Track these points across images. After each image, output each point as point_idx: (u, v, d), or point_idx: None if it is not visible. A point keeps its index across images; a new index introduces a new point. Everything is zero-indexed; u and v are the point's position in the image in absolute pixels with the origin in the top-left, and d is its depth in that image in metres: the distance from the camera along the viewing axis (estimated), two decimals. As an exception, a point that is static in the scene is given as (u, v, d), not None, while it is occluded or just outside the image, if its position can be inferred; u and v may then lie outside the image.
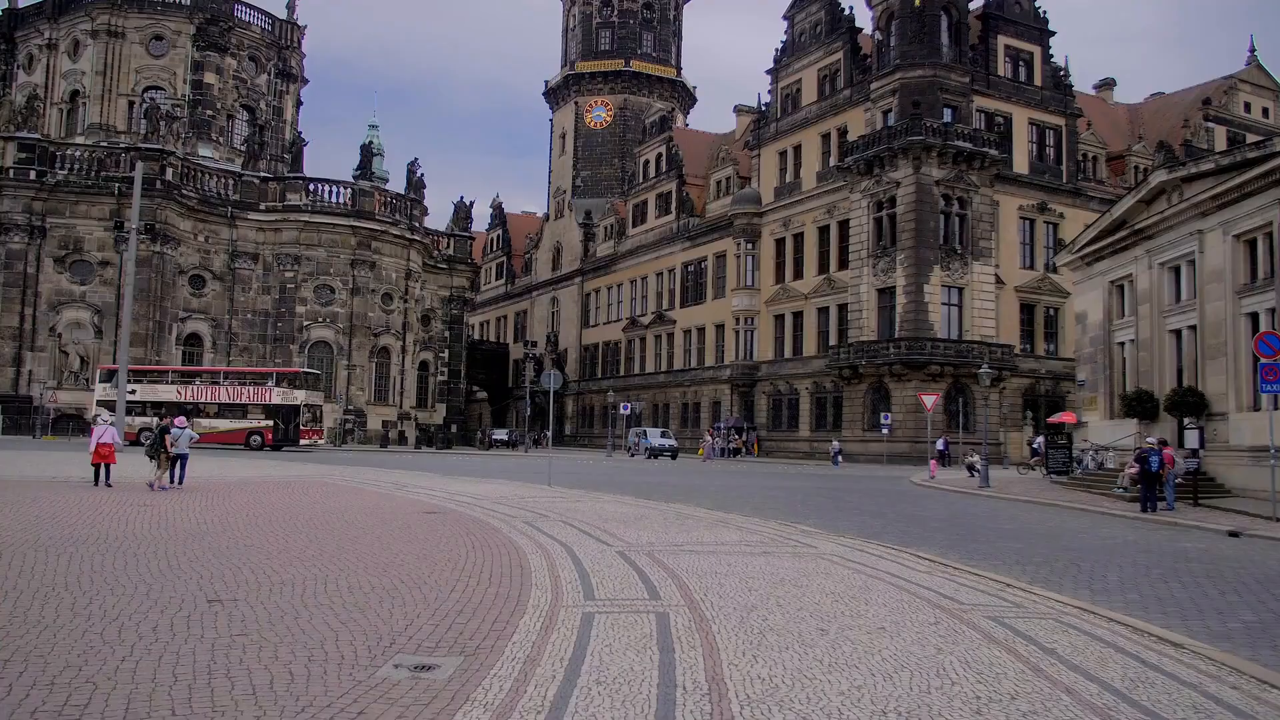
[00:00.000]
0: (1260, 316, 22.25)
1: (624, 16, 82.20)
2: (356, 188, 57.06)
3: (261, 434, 43.78)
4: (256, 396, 44.74)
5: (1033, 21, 52.16)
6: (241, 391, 45.19)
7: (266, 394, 44.61)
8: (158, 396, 44.33)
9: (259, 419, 44.37)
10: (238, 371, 48.68)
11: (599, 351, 74.81)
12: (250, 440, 43.66)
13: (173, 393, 44.58)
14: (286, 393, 44.61)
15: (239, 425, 44.29)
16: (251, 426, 44.18)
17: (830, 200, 52.32)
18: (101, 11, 59.58)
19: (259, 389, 45.06)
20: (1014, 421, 47.84)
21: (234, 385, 45.78)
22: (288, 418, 44.16)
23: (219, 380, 46.47)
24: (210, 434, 43.21)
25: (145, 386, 44.80)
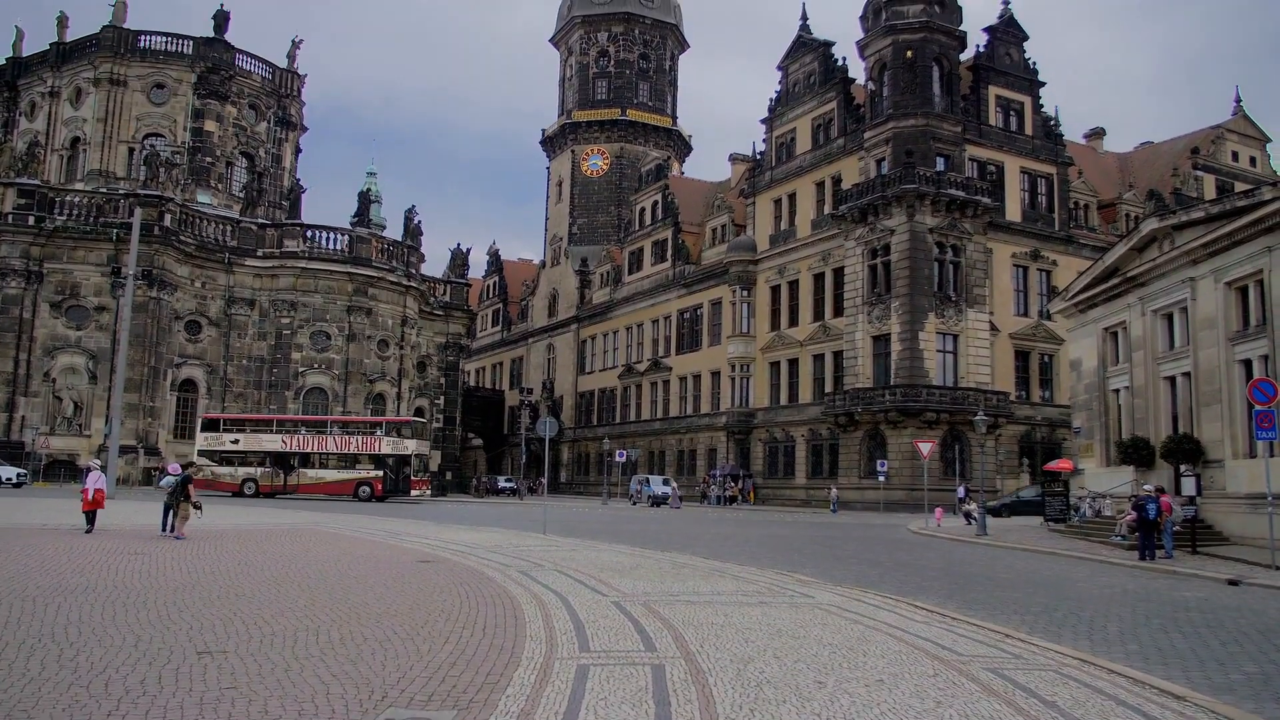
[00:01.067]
0: (1253, 363, 22.31)
1: (620, 67, 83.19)
2: (354, 234, 57.32)
3: (371, 485, 42.60)
4: (365, 446, 43.79)
5: (1023, 72, 52.86)
6: (349, 441, 44.33)
7: (376, 444, 43.65)
8: (262, 446, 43.73)
9: (368, 469, 43.28)
10: (345, 420, 47.88)
11: (595, 398, 74.73)
12: (359, 491, 42.43)
13: (277, 442, 43.78)
14: (397, 442, 43.58)
15: (347, 476, 43.25)
16: (360, 477, 43.05)
17: (825, 248, 52.61)
18: (104, 60, 60.22)
19: (368, 438, 44.18)
20: (1010, 469, 47.74)
21: (342, 435, 44.94)
22: (397, 468, 43.15)
23: (326, 429, 45.53)
24: (317, 485, 42.77)
25: (249, 436, 44.32)
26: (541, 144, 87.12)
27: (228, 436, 44.38)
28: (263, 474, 43.29)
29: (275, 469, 43.42)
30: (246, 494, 42.22)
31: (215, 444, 44.04)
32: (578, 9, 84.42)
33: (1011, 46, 52.72)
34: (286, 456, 43.47)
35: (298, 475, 43.23)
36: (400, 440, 43.88)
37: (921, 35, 48.36)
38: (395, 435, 44.25)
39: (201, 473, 43.66)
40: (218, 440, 44.16)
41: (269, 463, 43.50)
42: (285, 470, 43.38)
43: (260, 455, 43.54)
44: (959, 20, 49.73)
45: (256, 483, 42.96)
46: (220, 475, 43.09)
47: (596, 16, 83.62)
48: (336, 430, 45.64)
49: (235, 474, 43.17)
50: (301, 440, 44.19)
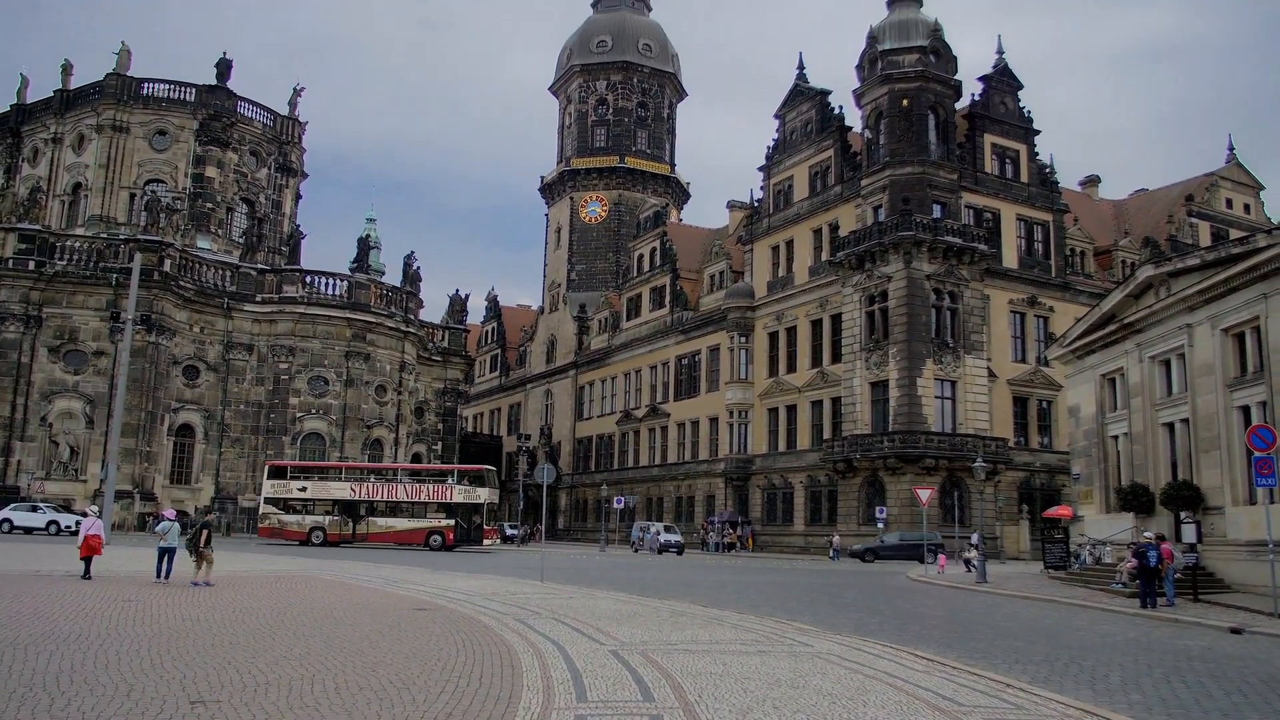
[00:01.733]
0: (1252, 410, 22.31)
1: (619, 115, 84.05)
2: (353, 280, 57.49)
3: (442, 534, 41.89)
4: (436, 495, 43.15)
5: (1018, 121, 53.42)
6: (420, 489, 43.69)
7: (447, 492, 42.99)
8: (330, 494, 43.15)
9: (439, 518, 42.59)
10: (416, 468, 47.23)
11: (593, 445, 74.54)
12: (430, 540, 41.79)
13: (346, 490, 43.14)
14: (469, 491, 42.98)
15: (418, 525, 42.53)
16: (432, 526, 42.36)
17: (822, 294, 52.80)
18: (108, 107, 60.79)
19: (439, 486, 43.59)
20: (1010, 515, 47.55)
21: (412, 483, 44.36)
22: (469, 516, 42.61)
23: (396, 477, 44.93)
24: (386, 533, 42.08)
25: (316, 484, 43.84)
26: (540, 191, 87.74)
27: (295, 484, 43.85)
28: (331, 522, 42.65)
29: (344, 517, 42.75)
30: (314, 542, 41.63)
31: (282, 491, 43.46)
32: (577, 58, 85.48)
33: (1006, 95, 53.32)
34: (355, 505, 42.72)
35: (367, 524, 42.53)
36: (472, 489, 43.22)
37: (917, 84, 48.94)
38: (468, 483, 43.66)
39: (268, 520, 43.37)
40: (284, 488, 43.59)
41: (337, 511, 42.83)
42: (354, 519, 42.72)
43: (328, 503, 42.87)
44: (954, 70, 50.36)
45: (324, 531, 42.38)
46: (287, 523, 42.63)
47: (595, 65, 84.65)
48: (406, 478, 44.88)
49: (302, 522, 42.57)
50: (370, 488, 43.47)
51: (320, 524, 42.58)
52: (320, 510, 42.85)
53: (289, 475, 44.95)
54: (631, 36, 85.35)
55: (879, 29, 51.05)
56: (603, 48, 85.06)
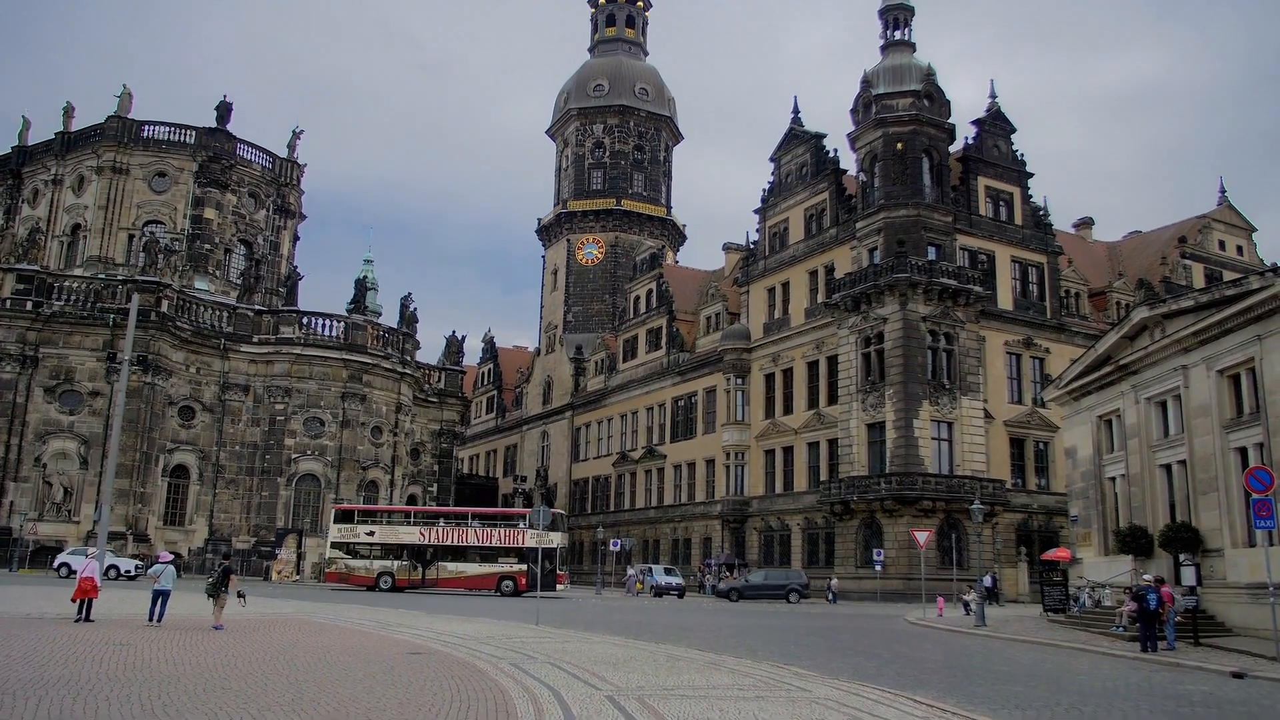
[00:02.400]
0: (1249, 451, 22.29)
1: (615, 158, 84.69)
2: (349, 321, 57.54)
3: (514, 579, 41.39)
4: (508, 539, 42.60)
5: (1011, 164, 53.85)
6: (490, 534, 43.12)
7: (519, 536, 42.31)
8: (399, 539, 42.76)
9: (511, 563, 42.07)
10: (486, 513, 46.74)
11: (589, 486, 74.26)
12: (501, 585, 41.33)
13: (415, 534, 42.81)
14: (540, 535, 41.79)
15: (489, 570, 42.06)
16: (503, 571, 41.88)
17: (818, 336, 52.89)
18: (108, 149, 61.17)
19: (510, 531, 42.97)
20: (1008, 557, 47.30)
21: (482, 527, 43.80)
22: (542, 561, 41.41)
23: (466, 522, 44.39)
24: (457, 579, 41.62)
25: (385, 528, 43.40)
26: (537, 233, 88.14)
27: (362, 528, 43.35)
28: (399, 567, 42.21)
29: (412, 562, 42.33)
30: (382, 588, 41.23)
31: (349, 536, 42.98)
32: (574, 101, 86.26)
33: (999, 139, 53.80)
34: (424, 549, 42.28)
35: (436, 569, 42.11)
36: (545, 533, 42.08)
37: (911, 128, 49.38)
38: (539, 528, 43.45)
39: (334, 565, 42.92)
40: (351, 532, 43.12)
41: (406, 556, 42.40)
42: (423, 564, 42.30)
43: (397, 548, 42.39)
44: (948, 113, 50.84)
45: (393, 576, 41.94)
46: (354, 569, 42.15)
47: (592, 109, 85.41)
48: (476, 523, 44.36)
49: (370, 567, 42.09)
50: (440, 533, 43.04)
51: (388, 569, 42.11)
52: (390, 555, 42.30)
53: (355, 519, 44.41)
54: (628, 80, 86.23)
55: (873, 73, 51.60)
56: (600, 91, 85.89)
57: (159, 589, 18.73)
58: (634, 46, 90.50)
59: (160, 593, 18.69)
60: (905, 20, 52.97)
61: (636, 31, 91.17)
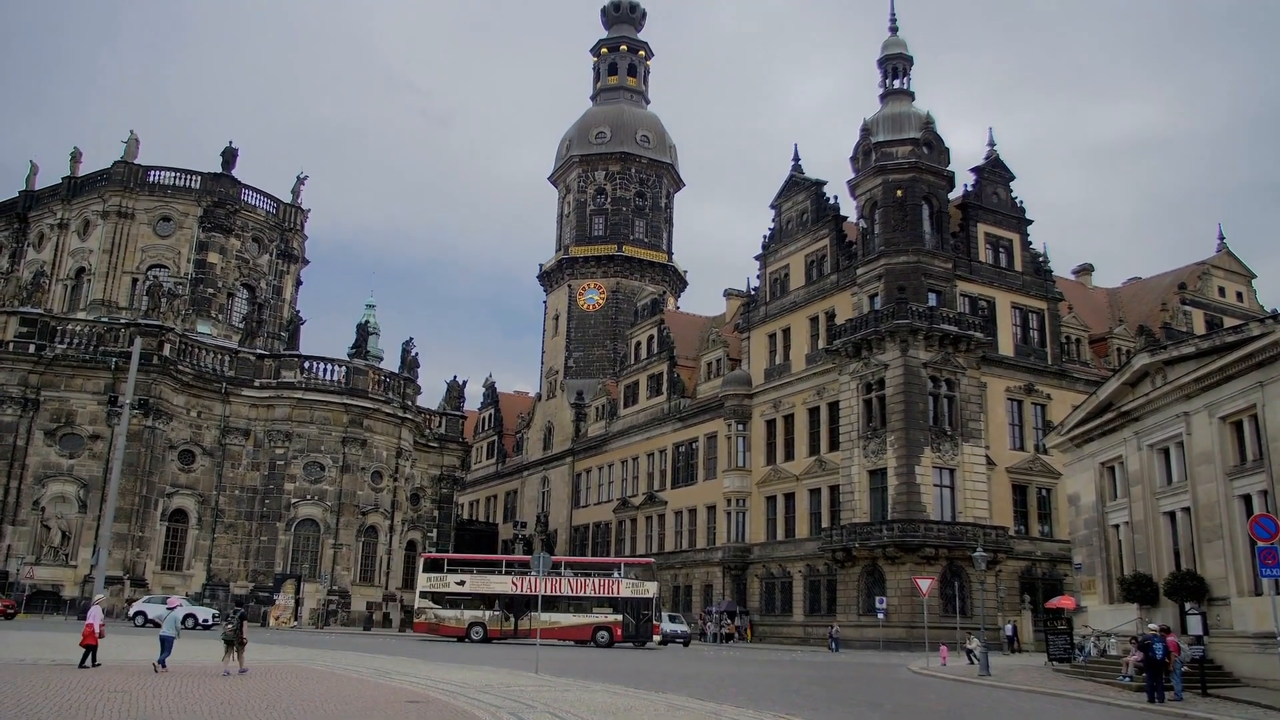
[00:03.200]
0: (1253, 498, 22.18)
1: (617, 204, 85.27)
2: (350, 366, 57.56)
3: (609, 630, 40.84)
4: (603, 589, 42.03)
5: (1010, 211, 54.19)
6: (584, 583, 42.50)
7: (615, 586, 41.89)
8: (490, 588, 42.21)
9: (606, 613, 41.49)
10: (580, 562, 46.00)
11: (589, 532, 73.83)
12: (597, 636, 40.82)
13: (506, 584, 42.18)
14: (636, 585, 41.88)
15: (584, 620, 41.44)
16: (598, 622, 41.26)
17: (819, 382, 52.88)
18: (114, 193, 61.59)
19: (605, 581, 42.41)
20: (1012, 605, 46.87)
21: (576, 577, 43.15)
22: (639, 612, 41.37)
23: (560, 571, 43.58)
24: (550, 629, 40.63)
25: (476, 577, 42.85)
26: (539, 278, 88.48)
27: (453, 578, 42.75)
28: (491, 618, 41.66)
29: (505, 612, 41.76)
30: (473, 639, 40.77)
31: (439, 585, 42.37)
32: (576, 148, 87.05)
33: (999, 186, 54.19)
34: (516, 599, 41.68)
35: (529, 619, 41.13)
36: (640, 583, 42.17)
37: (911, 175, 49.76)
38: (635, 578, 42.59)
39: (424, 616, 42.20)
40: (440, 581, 42.53)
41: (497, 606, 41.86)
42: (515, 614, 41.73)
43: (489, 598, 41.88)
44: (947, 161, 51.27)
45: (484, 627, 41.45)
46: (445, 619, 41.61)
47: (594, 156, 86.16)
48: (570, 572, 43.74)
49: (461, 617, 41.52)
50: (532, 582, 41.63)
51: (480, 619, 41.57)
52: (481, 605, 41.78)
53: (445, 568, 43.82)
54: (630, 128, 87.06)
55: (872, 122, 52.12)
56: (601, 139, 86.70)
57: (164, 635, 18.82)
58: (636, 95, 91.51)
59: (165, 639, 18.78)
60: (904, 70, 53.62)
61: (638, 80, 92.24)
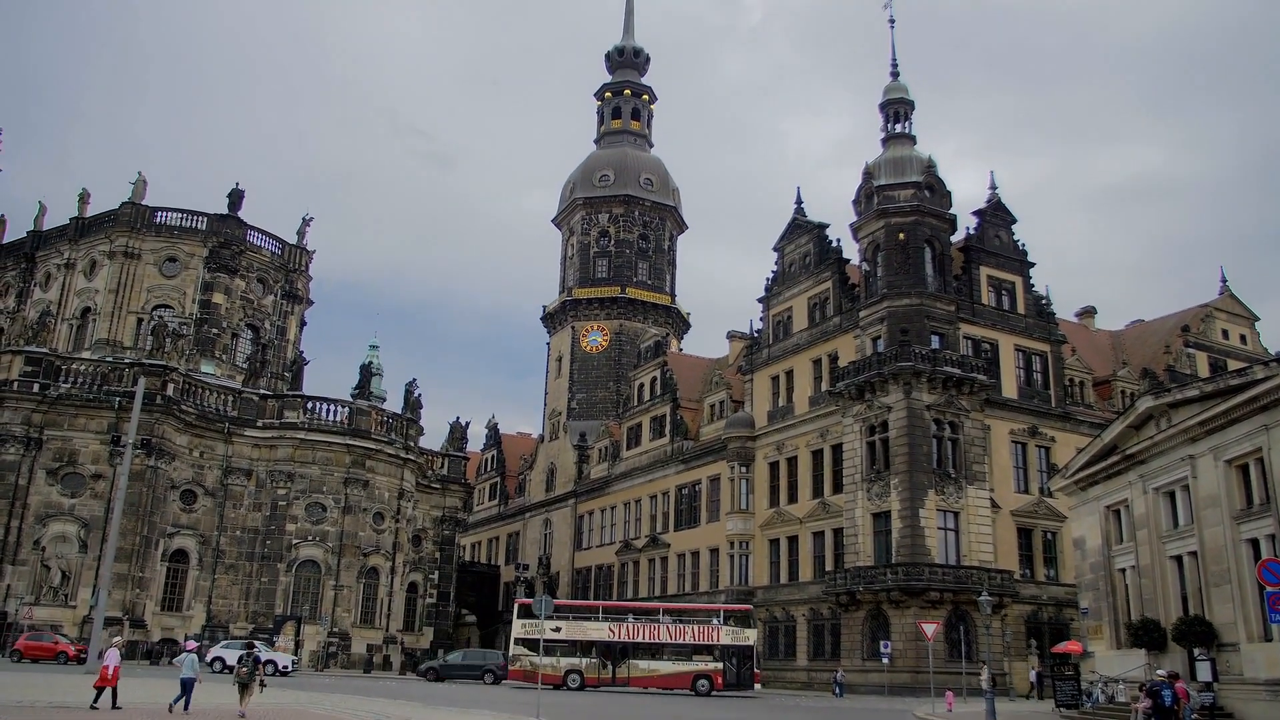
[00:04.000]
0: (1261, 543, 22.05)
1: (620, 246, 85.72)
2: (354, 406, 57.56)
3: (710, 678, 40.31)
4: (702, 636, 41.56)
5: (1013, 253, 54.38)
6: (683, 630, 41.96)
7: (714, 633, 41.46)
8: (586, 635, 41.85)
9: (706, 661, 40.97)
10: (679, 609, 45.61)
11: (591, 575, 73.36)
12: (697, 685, 40.31)
13: (603, 630, 41.83)
14: (736, 632, 41.48)
15: (683, 668, 40.89)
16: (698, 670, 40.74)
17: (823, 424, 52.80)
18: (121, 234, 61.94)
19: (704, 628, 41.93)
20: (1018, 650, 46.43)
21: (675, 624, 42.57)
22: (739, 659, 40.97)
23: (657, 618, 43.30)
24: (649, 677, 40.50)
25: (571, 624, 42.46)
26: (542, 320, 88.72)
27: (549, 624, 41.74)
28: (588, 665, 41.27)
29: (602, 660, 41.41)
30: (570, 686, 40.39)
31: (533, 632, 41.51)
32: (580, 191, 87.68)
33: (1001, 229, 54.43)
34: (613, 646, 41.38)
35: (628, 667, 41.02)
36: (739, 629, 41.75)
37: (913, 218, 50.03)
38: (734, 624, 42.12)
39: (519, 663, 41.69)
40: (536, 628, 41.55)
41: (594, 653, 41.50)
42: (613, 661, 41.36)
43: (585, 645, 41.49)
44: (949, 204, 51.56)
45: (581, 674, 41.07)
46: (540, 666, 40.19)
47: (598, 198, 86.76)
48: (668, 618, 43.21)
49: (557, 664, 41.03)
50: (630, 629, 41.93)
51: (577, 667, 41.16)
52: (578, 652, 41.34)
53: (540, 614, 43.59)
54: (633, 171, 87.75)
55: (874, 165, 52.52)
56: (605, 181, 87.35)
57: (183, 678, 18.85)
58: (639, 138, 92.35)
59: (185, 681, 18.83)
60: (905, 114, 54.12)
61: (642, 124, 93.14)
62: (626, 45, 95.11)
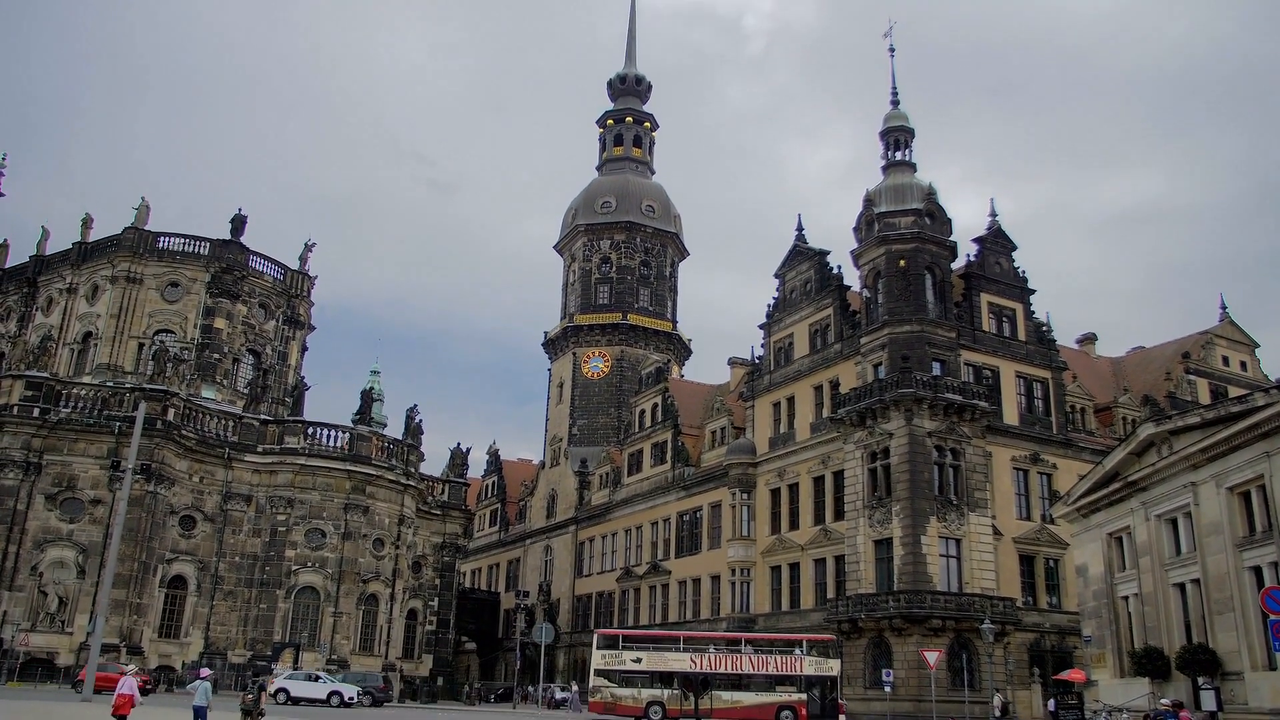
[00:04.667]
0: (1264, 570, 21.94)
1: (622, 273, 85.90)
2: (354, 432, 57.45)
3: (794, 709, 39.47)
4: (785, 667, 40.69)
5: (1013, 281, 54.44)
6: (767, 661, 41.14)
7: (797, 664, 40.56)
8: (668, 666, 40.93)
9: (789, 692, 40.05)
10: (760, 638, 45.10)
11: (592, 602, 72.99)
12: (781, 716, 39.49)
13: (685, 661, 40.93)
14: (819, 662, 40.62)
15: (767, 700, 39.95)
16: (782, 701, 39.78)
17: (824, 451, 52.67)
18: (123, 259, 62.10)
19: (787, 658, 41.04)
20: (1021, 679, 46.07)
21: (757, 654, 41.76)
22: (823, 691, 40.15)
23: (740, 648, 42.55)
24: (732, 709, 39.73)
25: (652, 655, 41.48)
26: (544, 346, 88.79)
27: (628, 655, 41.44)
28: (670, 696, 40.38)
29: (684, 691, 40.57)
30: (652, 719, 39.74)
31: (614, 663, 41.14)
32: (581, 218, 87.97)
33: (1001, 256, 54.51)
34: (695, 677, 40.58)
35: (710, 698, 40.17)
36: (823, 660, 40.96)
37: (913, 245, 50.12)
38: (818, 654, 41.27)
39: (599, 695, 40.93)
40: (616, 659, 41.28)
41: (676, 684, 40.62)
42: (695, 693, 40.56)
43: (666, 676, 40.67)
44: (949, 231, 51.68)
45: (663, 706, 40.25)
46: (621, 698, 40.50)
47: (599, 225, 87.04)
48: (750, 649, 42.43)
49: (638, 696, 40.26)
50: (712, 659, 41.05)
51: (658, 698, 40.32)
52: (659, 683, 40.61)
53: (621, 645, 42.57)
54: (635, 198, 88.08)
55: (875, 192, 52.68)
56: (607, 208, 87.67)
57: (196, 705, 18.83)
58: (641, 165, 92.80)
59: (198, 709, 18.81)
60: (906, 142, 54.36)
61: (643, 151, 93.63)
62: (629, 73, 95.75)
